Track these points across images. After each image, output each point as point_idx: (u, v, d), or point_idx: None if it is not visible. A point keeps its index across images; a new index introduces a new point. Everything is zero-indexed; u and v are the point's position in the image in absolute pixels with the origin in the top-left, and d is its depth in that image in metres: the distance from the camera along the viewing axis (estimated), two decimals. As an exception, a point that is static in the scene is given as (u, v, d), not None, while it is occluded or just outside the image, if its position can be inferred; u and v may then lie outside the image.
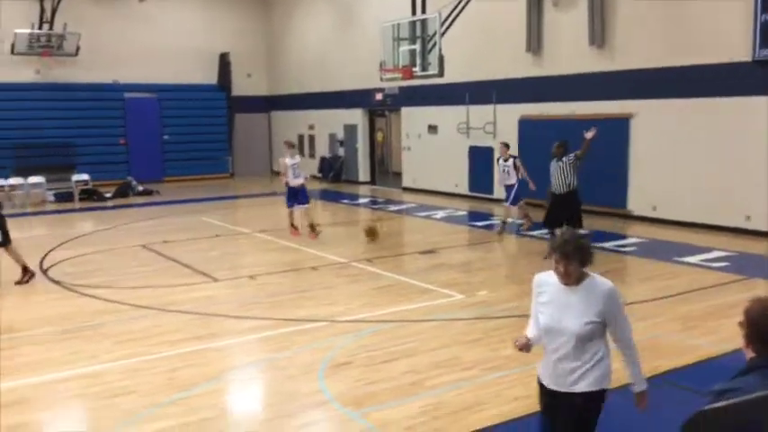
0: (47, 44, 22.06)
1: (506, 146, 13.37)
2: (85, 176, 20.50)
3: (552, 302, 3.51)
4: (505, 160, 13.12)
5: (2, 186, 19.18)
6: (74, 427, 5.48)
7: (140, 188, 21.06)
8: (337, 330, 7.45)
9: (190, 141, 24.98)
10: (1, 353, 6.90)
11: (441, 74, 14.41)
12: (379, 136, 23.27)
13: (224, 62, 25.89)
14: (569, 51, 15.51)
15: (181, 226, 15.01)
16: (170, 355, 6.79)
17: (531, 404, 5.33)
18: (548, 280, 3.57)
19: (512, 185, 13.00)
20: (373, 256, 11.32)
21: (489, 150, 17.52)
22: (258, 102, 27.34)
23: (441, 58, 14.22)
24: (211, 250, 12.25)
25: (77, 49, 22.48)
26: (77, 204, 19.15)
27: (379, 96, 21.40)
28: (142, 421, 5.33)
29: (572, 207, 10.83)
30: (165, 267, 10.84)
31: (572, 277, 3.45)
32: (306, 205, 12.99)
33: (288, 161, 12.81)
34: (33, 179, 19.73)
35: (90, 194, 19.77)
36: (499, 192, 17.27)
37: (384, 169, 23.35)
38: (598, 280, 3.49)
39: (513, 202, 13.10)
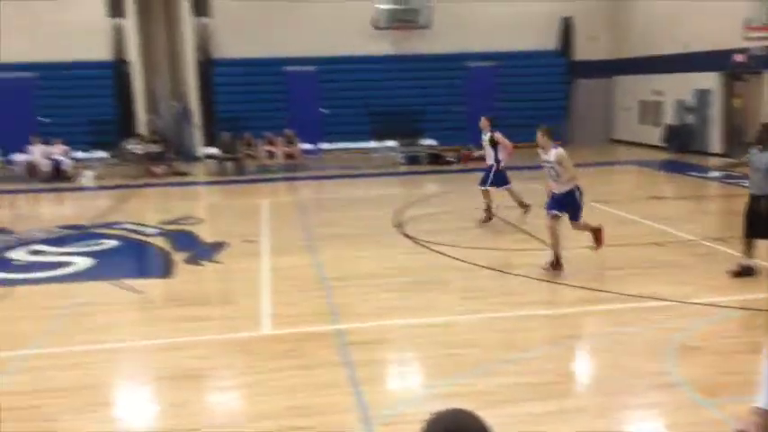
0: (403, 18, 24.01)
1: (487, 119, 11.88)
2: (433, 142, 22.03)
3: None
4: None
5: (362, 148, 21.62)
6: (420, 371, 6.02)
7: (476, 154, 21.92)
8: (686, 312, 6.93)
9: (526, 108, 25.16)
10: (363, 296, 7.85)
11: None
12: (737, 102, 20.78)
13: (566, 26, 25.45)
14: None
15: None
16: (509, 316, 7.02)
17: None
18: None
19: (489, 167, 11.60)
20: (727, 236, 10.24)
21: None
22: (598, 66, 26.32)
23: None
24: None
25: (430, 21, 24.05)
26: (424, 167, 20.69)
27: (739, 58, 19.06)
28: (483, 374, 5.62)
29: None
30: (503, 231, 11.20)
31: None
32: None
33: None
34: (388, 143, 21.86)
35: (435, 158, 21.22)
36: None
37: (740, 140, 20.82)
38: None
39: (482, 184, 11.63)
